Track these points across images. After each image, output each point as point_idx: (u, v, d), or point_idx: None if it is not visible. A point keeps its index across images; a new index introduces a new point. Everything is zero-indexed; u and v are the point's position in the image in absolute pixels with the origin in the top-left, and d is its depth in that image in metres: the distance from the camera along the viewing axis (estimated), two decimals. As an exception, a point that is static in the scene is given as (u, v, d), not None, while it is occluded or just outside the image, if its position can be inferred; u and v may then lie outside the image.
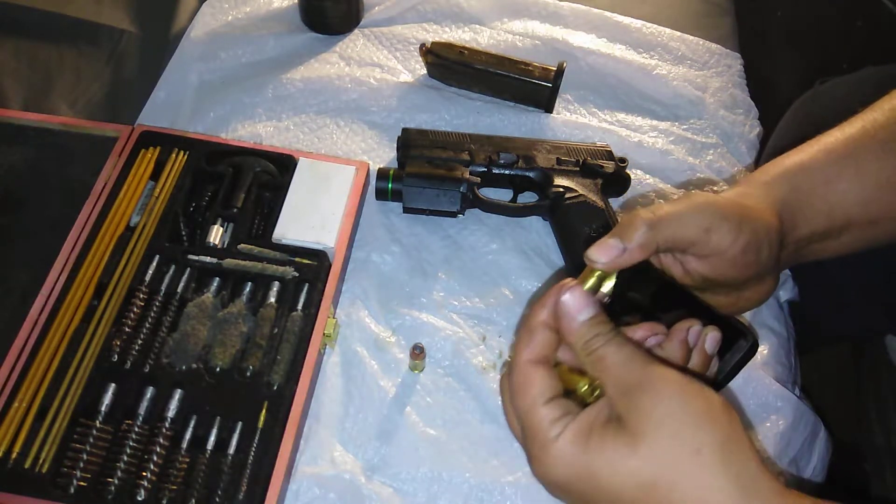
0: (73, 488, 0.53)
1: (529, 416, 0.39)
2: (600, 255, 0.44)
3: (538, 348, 0.41)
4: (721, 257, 0.47)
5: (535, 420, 0.39)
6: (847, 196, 0.52)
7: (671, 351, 0.45)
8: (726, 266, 0.48)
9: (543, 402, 0.39)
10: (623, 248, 0.44)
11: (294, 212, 0.68)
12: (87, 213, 0.66)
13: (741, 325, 0.46)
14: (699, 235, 0.46)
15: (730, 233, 0.46)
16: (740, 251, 0.47)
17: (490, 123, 0.84)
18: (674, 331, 0.45)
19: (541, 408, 0.39)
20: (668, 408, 0.36)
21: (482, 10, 0.96)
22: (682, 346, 0.44)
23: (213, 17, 0.92)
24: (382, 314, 0.69)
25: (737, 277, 0.49)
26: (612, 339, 0.39)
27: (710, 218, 0.46)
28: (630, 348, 0.39)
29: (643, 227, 0.45)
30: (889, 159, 0.51)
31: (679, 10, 1.01)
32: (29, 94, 0.76)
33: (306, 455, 0.60)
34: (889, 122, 0.52)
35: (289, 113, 0.83)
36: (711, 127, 0.88)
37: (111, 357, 0.59)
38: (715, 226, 0.46)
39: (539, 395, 0.39)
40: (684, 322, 0.45)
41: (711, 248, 0.47)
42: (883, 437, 0.91)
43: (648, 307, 0.48)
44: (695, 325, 0.45)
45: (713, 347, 0.45)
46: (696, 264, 0.48)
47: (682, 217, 0.46)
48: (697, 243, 0.47)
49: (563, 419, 0.38)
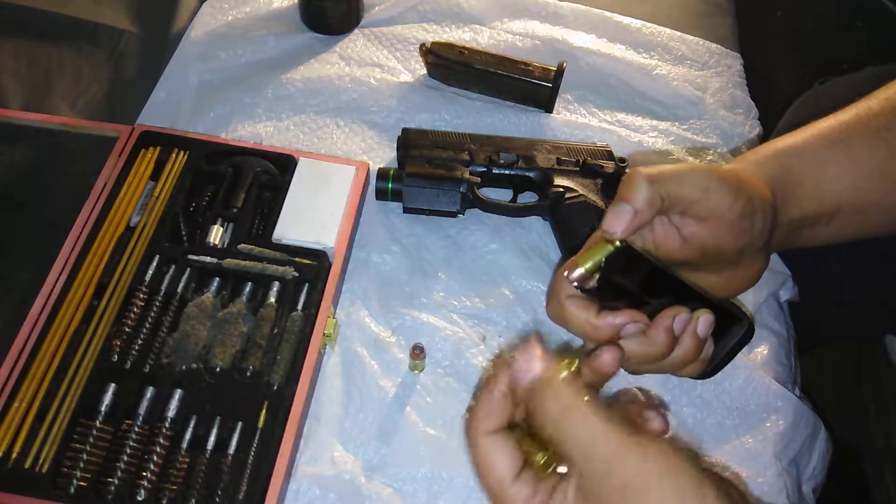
0: (73, 488, 0.53)
1: (501, 493, 0.38)
2: (616, 225, 0.44)
3: (498, 419, 0.39)
4: (719, 220, 0.47)
5: (508, 497, 0.37)
6: (838, 181, 0.52)
7: (654, 338, 0.44)
8: (724, 230, 0.48)
9: (511, 480, 0.37)
10: (633, 210, 0.44)
11: (294, 212, 0.68)
12: (87, 213, 0.66)
13: (737, 309, 0.45)
14: (699, 195, 0.46)
15: (728, 195, 0.46)
16: (738, 215, 0.47)
17: (490, 123, 0.84)
18: (658, 318, 0.44)
19: (509, 487, 0.37)
20: (640, 481, 0.34)
21: (482, 10, 0.96)
22: (667, 334, 0.44)
23: (213, 17, 0.92)
24: (382, 314, 0.69)
25: (733, 246, 0.49)
26: (571, 406, 0.36)
27: (708, 179, 0.47)
28: (592, 420, 0.35)
29: (644, 182, 0.45)
30: (881, 147, 0.51)
31: (679, 10, 1.01)
32: (29, 94, 0.76)
33: (306, 455, 0.60)
34: (884, 110, 0.52)
35: (289, 113, 0.83)
36: (711, 127, 0.88)
37: (111, 357, 0.59)
38: (713, 187, 0.46)
39: (506, 473, 0.37)
40: (669, 310, 0.44)
41: (710, 210, 0.47)
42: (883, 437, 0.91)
43: (637, 293, 0.47)
44: (681, 312, 0.44)
45: (705, 331, 0.45)
46: (694, 227, 0.48)
47: (682, 176, 0.47)
48: (697, 203, 0.47)
49: (536, 497, 0.37)
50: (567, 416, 0.36)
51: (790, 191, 0.51)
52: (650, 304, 0.46)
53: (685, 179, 0.46)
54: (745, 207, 0.47)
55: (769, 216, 0.49)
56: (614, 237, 0.44)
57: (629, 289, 0.47)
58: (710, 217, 0.47)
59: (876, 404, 0.93)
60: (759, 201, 0.48)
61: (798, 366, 0.74)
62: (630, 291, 0.47)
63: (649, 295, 0.47)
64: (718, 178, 0.47)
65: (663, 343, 0.44)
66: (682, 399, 0.66)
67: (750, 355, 0.70)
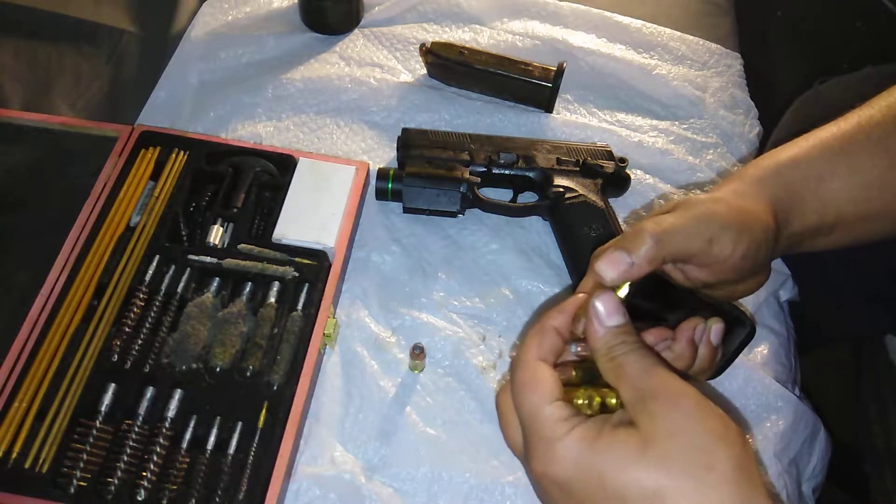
0: (73, 488, 0.53)
1: (535, 413, 0.38)
2: (609, 270, 0.44)
3: (546, 350, 0.41)
4: (722, 265, 0.48)
5: (542, 416, 0.38)
6: (839, 193, 0.52)
7: (680, 351, 0.46)
8: (726, 271, 0.48)
9: (551, 400, 0.38)
10: (631, 262, 0.44)
11: (294, 212, 0.68)
12: (87, 213, 0.66)
13: (739, 311, 0.47)
14: (702, 247, 0.47)
15: (731, 242, 0.47)
16: (740, 258, 0.47)
17: (490, 123, 0.84)
18: (680, 331, 0.46)
19: (548, 405, 0.38)
20: (684, 420, 0.35)
21: (482, 10, 0.96)
22: (690, 344, 0.46)
23: (213, 17, 0.92)
24: (382, 314, 0.69)
25: (734, 279, 0.50)
26: (635, 348, 0.39)
27: (712, 229, 0.47)
28: (652, 360, 0.38)
29: (650, 240, 0.45)
30: (882, 157, 0.51)
31: (679, 10, 1.01)
32: (29, 94, 0.76)
33: (306, 455, 0.60)
34: (885, 119, 0.52)
35: (289, 113, 0.83)
36: (711, 127, 0.88)
37: (111, 357, 0.59)
38: (717, 236, 0.47)
39: (548, 392, 0.39)
40: (689, 321, 0.46)
41: (713, 258, 0.47)
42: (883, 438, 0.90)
43: (653, 310, 0.48)
44: (699, 323, 0.46)
45: (718, 338, 0.46)
46: (697, 272, 0.49)
47: (686, 230, 0.47)
48: (700, 254, 0.47)
49: (571, 419, 0.37)
50: (637, 353, 0.39)
51: (792, 207, 0.51)
52: (667, 319, 0.47)
53: (689, 232, 0.47)
54: (749, 250, 0.48)
55: (772, 243, 0.49)
56: (605, 282, 0.44)
57: (647, 308, 0.48)
58: (713, 263, 0.48)
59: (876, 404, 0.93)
60: (762, 235, 0.48)
61: (798, 366, 0.74)
62: (648, 310, 0.48)
63: (665, 310, 0.48)
64: (722, 224, 0.47)
65: (688, 356, 0.46)
66: (682, 399, 0.66)
67: (750, 355, 0.70)
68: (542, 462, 0.38)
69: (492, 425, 0.63)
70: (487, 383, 0.65)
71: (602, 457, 0.36)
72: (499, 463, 0.61)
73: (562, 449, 0.37)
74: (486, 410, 0.64)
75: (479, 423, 0.63)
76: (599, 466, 0.35)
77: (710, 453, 0.34)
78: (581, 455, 0.36)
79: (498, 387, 0.65)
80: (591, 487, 0.36)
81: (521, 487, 0.59)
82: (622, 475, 0.35)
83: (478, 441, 0.62)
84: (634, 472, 0.35)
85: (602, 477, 0.35)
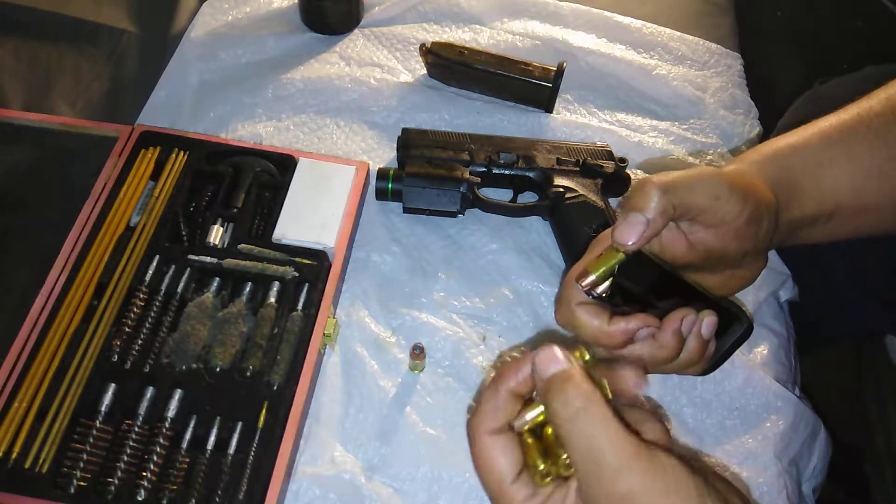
0: (73, 488, 0.53)
1: (499, 496, 0.37)
2: (628, 236, 0.43)
3: (502, 418, 0.38)
4: (727, 227, 0.47)
5: (508, 496, 0.37)
6: (838, 181, 0.52)
7: (664, 341, 0.45)
8: (730, 236, 0.48)
9: (511, 480, 0.37)
10: (646, 220, 0.44)
11: (294, 212, 0.68)
12: (87, 213, 0.66)
13: (736, 308, 0.46)
14: (709, 202, 0.46)
15: (738, 202, 0.47)
16: (745, 222, 0.47)
17: (490, 123, 0.84)
18: (667, 321, 0.45)
19: (509, 487, 0.37)
20: (646, 497, 0.33)
21: (482, 10, 0.96)
22: (675, 336, 0.45)
23: (213, 17, 0.92)
24: (382, 314, 0.69)
25: (737, 250, 0.49)
26: (580, 410, 0.35)
27: (719, 186, 0.47)
28: (600, 429, 0.34)
29: (657, 191, 0.45)
30: (881, 148, 0.51)
31: (679, 10, 1.01)
32: (29, 94, 0.76)
33: (306, 455, 0.60)
34: (884, 110, 0.52)
35: (289, 113, 0.83)
36: (711, 127, 0.88)
37: (111, 357, 0.59)
38: (724, 195, 0.46)
39: (506, 472, 0.37)
40: (677, 312, 0.45)
41: (720, 217, 0.47)
42: (883, 438, 0.91)
43: (645, 296, 0.48)
44: (689, 314, 0.45)
45: (710, 332, 0.45)
46: (702, 234, 0.48)
47: (694, 184, 0.46)
48: (707, 210, 0.47)
49: (536, 498, 0.37)
50: (584, 414, 0.35)
51: (791, 192, 0.51)
52: (658, 306, 0.47)
53: (697, 187, 0.46)
54: (753, 214, 0.47)
55: (773, 220, 0.49)
56: (628, 248, 0.44)
57: (637, 293, 0.48)
58: (719, 224, 0.47)
59: (876, 404, 0.93)
60: (764, 206, 0.48)
61: (798, 366, 0.74)
62: (638, 295, 0.48)
63: (656, 297, 0.47)
64: (729, 185, 0.47)
65: (672, 346, 0.45)
66: (682, 399, 0.66)
67: (750, 355, 0.70)
68: None
69: (492, 425, 0.63)
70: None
71: None
72: (499, 463, 0.61)
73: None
74: (486, 410, 0.64)
75: (479, 423, 0.63)
76: None
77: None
78: None
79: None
80: None
81: (521, 487, 0.59)
82: None
83: (478, 441, 0.62)
84: None
85: None
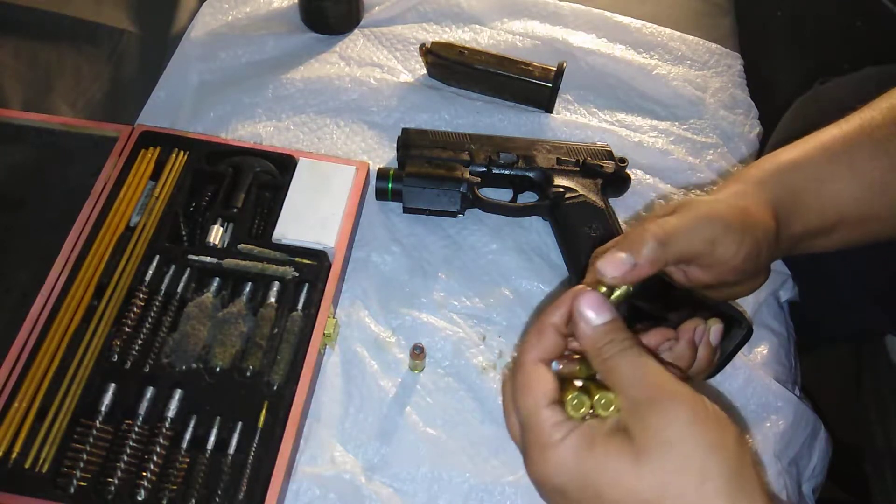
0: (73, 488, 0.53)
1: (532, 417, 0.38)
2: (611, 269, 0.44)
3: (546, 350, 0.40)
4: (724, 267, 0.48)
5: (538, 421, 0.38)
6: (840, 195, 0.52)
7: (681, 351, 0.46)
8: (727, 273, 0.48)
9: (547, 403, 0.38)
10: (633, 264, 0.44)
11: (294, 212, 0.68)
12: (87, 213, 0.66)
13: (737, 312, 0.47)
14: (705, 248, 0.47)
15: (733, 244, 0.47)
16: (742, 260, 0.47)
17: (490, 123, 0.84)
18: (681, 332, 0.46)
19: (544, 409, 0.38)
20: (679, 431, 0.35)
21: (482, 10, 0.96)
22: (690, 345, 0.46)
23: (213, 17, 0.92)
24: (382, 314, 0.69)
25: (734, 280, 0.50)
26: (627, 348, 0.38)
27: (715, 231, 0.47)
28: (645, 361, 0.38)
29: (653, 242, 0.45)
30: (883, 159, 0.51)
31: (679, 10, 1.01)
32: (29, 94, 0.76)
33: (306, 455, 0.60)
34: (886, 121, 0.52)
35: (289, 113, 0.83)
36: (711, 127, 0.87)
37: (111, 357, 0.59)
38: (719, 238, 0.47)
39: (543, 395, 0.38)
40: (690, 322, 0.46)
41: (715, 259, 0.47)
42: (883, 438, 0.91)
43: (655, 311, 0.49)
44: (699, 325, 0.46)
45: (718, 339, 0.47)
46: (698, 274, 0.49)
47: (689, 232, 0.46)
48: (703, 256, 0.47)
49: (567, 423, 0.37)
50: (633, 348, 0.38)
51: (793, 208, 0.51)
52: (668, 319, 0.48)
53: (691, 234, 0.46)
54: (751, 251, 0.47)
55: (773, 245, 0.50)
56: (604, 281, 0.44)
57: (649, 309, 0.49)
58: (715, 265, 0.48)
59: (876, 404, 0.93)
60: (763, 237, 0.48)
61: (798, 366, 0.74)
62: (651, 311, 0.49)
63: (666, 311, 0.48)
64: (725, 226, 0.47)
65: (688, 356, 0.46)
66: (682, 399, 0.66)
67: (750, 355, 0.70)
68: (538, 467, 0.38)
69: (492, 425, 0.63)
70: (487, 383, 0.65)
71: (597, 467, 0.36)
72: (499, 463, 0.61)
73: (556, 456, 0.37)
74: (486, 410, 0.64)
75: (479, 423, 0.63)
76: (594, 477, 0.36)
77: (705, 465, 0.34)
78: (575, 465, 0.36)
79: (500, 384, 0.65)
80: (585, 497, 0.36)
81: (521, 487, 0.59)
82: (615, 488, 0.35)
83: (478, 441, 0.62)
84: (628, 484, 0.35)
85: (597, 487, 0.35)
